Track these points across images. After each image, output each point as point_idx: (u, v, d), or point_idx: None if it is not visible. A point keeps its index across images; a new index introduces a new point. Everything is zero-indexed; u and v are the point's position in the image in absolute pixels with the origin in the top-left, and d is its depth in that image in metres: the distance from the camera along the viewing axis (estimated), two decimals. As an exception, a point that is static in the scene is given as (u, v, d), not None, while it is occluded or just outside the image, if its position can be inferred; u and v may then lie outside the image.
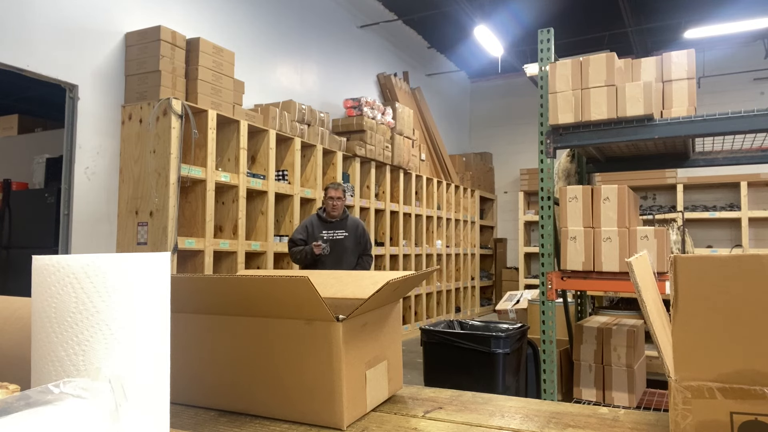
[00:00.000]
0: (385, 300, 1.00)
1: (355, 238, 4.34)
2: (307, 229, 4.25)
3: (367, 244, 4.41)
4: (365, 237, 4.41)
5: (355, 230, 4.36)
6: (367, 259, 4.43)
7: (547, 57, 3.14)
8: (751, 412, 0.66)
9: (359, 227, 4.40)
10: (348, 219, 4.37)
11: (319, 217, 4.30)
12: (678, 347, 0.70)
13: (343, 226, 4.30)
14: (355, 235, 4.35)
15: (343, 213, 4.32)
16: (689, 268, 0.69)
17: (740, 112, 2.72)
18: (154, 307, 0.64)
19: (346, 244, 4.25)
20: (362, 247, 4.37)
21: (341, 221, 4.30)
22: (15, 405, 0.47)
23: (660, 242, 2.77)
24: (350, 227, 4.34)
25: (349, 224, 4.35)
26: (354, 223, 4.39)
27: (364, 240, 4.40)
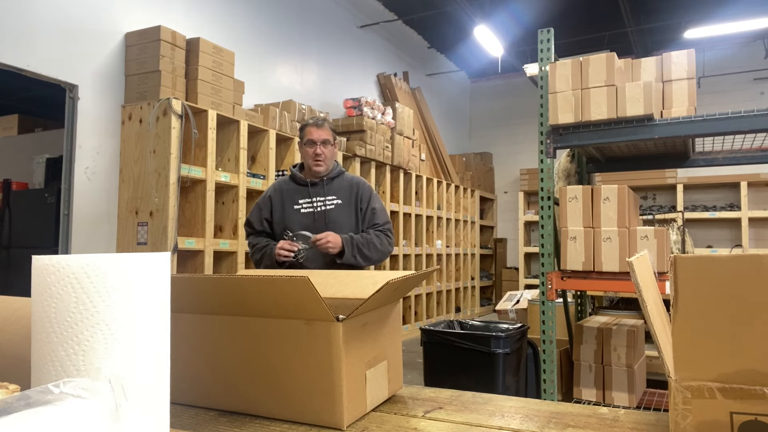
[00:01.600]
0: (385, 300, 1.00)
1: (353, 207, 2.66)
2: (272, 202, 2.67)
3: (374, 216, 2.67)
4: (372, 204, 2.69)
5: (352, 194, 2.68)
6: (379, 236, 2.64)
7: (547, 57, 3.14)
8: (751, 412, 0.66)
9: (360, 189, 2.69)
10: (341, 178, 2.71)
11: (293, 179, 2.70)
12: (678, 347, 0.70)
13: (334, 190, 2.66)
14: (353, 201, 2.66)
15: (333, 168, 2.71)
16: (689, 268, 0.69)
17: (740, 112, 2.72)
18: (154, 307, 0.64)
19: (337, 217, 2.62)
20: (367, 221, 2.67)
21: (330, 182, 2.67)
22: (15, 405, 0.47)
23: (660, 242, 2.77)
24: (343, 190, 2.67)
25: (341, 185, 2.68)
26: (350, 184, 2.70)
27: (370, 209, 2.68)
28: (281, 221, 2.65)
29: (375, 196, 2.74)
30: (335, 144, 2.73)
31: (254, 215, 2.72)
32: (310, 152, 2.63)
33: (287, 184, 2.72)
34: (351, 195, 2.67)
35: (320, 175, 2.65)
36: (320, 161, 2.61)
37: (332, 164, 2.71)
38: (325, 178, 2.66)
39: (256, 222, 2.70)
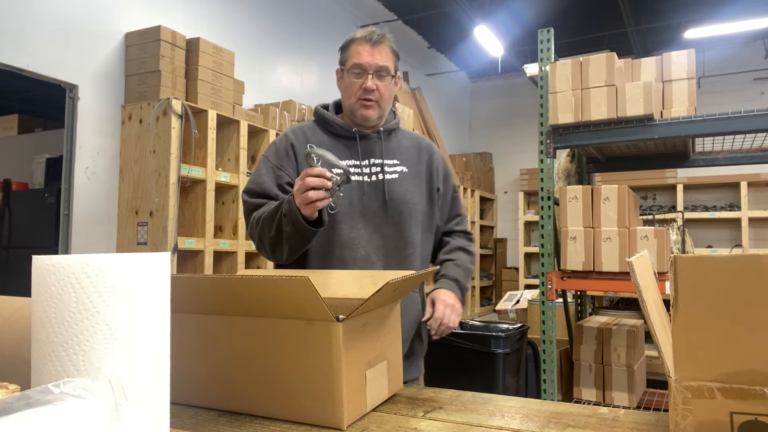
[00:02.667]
0: (385, 300, 1.00)
1: (424, 182, 1.74)
2: (296, 155, 1.64)
3: (455, 205, 1.85)
4: (453, 185, 1.85)
5: (423, 162, 1.76)
6: (461, 241, 1.81)
7: (547, 57, 3.14)
8: (751, 412, 0.66)
9: (434, 157, 1.80)
10: (400, 133, 1.78)
11: (325, 124, 1.70)
12: (678, 347, 0.70)
13: (394, 150, 1.71)
14: (425, 173, 1.75)
15: (389, 118, 1.75)
16: (689, 268, 0.69)
17: (740, 112, 2.72)
18: (154, 307, 0.64)
19: (404, 195, 1.66)
20: (447, 212, 1.81)
21: (388, 136, 1.72)
22: (15, 405, 0.47)
23: (660, 242, 2.77)
24: (408, 153, 1.74)
25: (404, 144, 1.75)
26: (418, 145, 1.79)
27: (452, 193, 1.83)
28: None
29: (450, 171, 1.82)
30: (397, 77, 1.68)
31: (263, 176, 1.60)
32: (355, 86, 1.59)
33: (315, 133, 1.67)
34: (421, 163, 1.71)
35: (370, 124, 1.65)
36: (371, 102, 1.60)
37: (388, 110, 1.70)
38: (381, 129, 1.67)
39: (269, 188, 1.57)
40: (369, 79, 1.61)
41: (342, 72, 1.69)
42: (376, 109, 1.65)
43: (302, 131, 1.70)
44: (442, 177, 1.80)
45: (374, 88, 1.61)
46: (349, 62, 1.65)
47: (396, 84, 1.71)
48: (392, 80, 1.67)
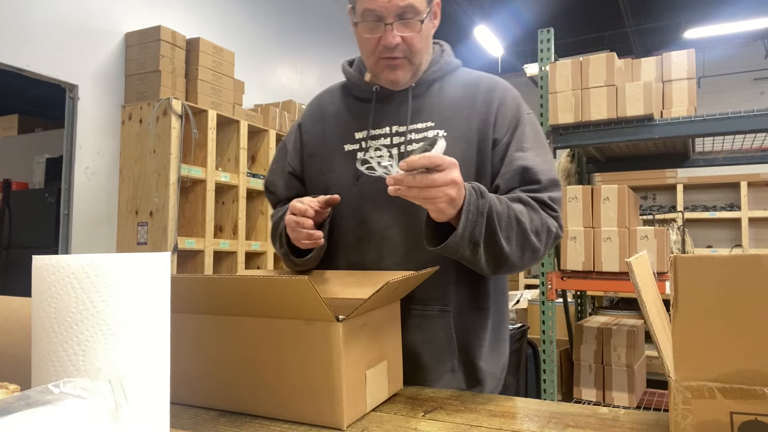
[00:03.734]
0: (385, 300, 1.00)
1: (474, 143, 1.21)
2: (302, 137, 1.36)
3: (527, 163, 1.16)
4: (522, 134, 1.21)
5: (475, 114, 1.22)
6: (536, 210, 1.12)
7: (547, 57, 3.14)
8: (751, 412, 0.66)
9: (494, 102, 1.24)
10: (450, 79, 1.30)
11: (347, 88, 1.35)
12: (678, 347, 0.70)
13: (430, 108, 1.24)
14: (477, 129, 1.21)
15: (434, 59, 1.30)
16: (689, 268, 0.69)
17: (740, 112, 2.72)
18: (154, 307, 0.64)
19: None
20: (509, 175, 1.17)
21: (426, 90, 1.27)
22: (15, 405, 0.47)
23: (660, 242, 2.77)
24: (453, 106, 1.24)
25: (448, 96, 1.26)
26: (476, 93, 1.26)
27: (515, 146, 1.19)
28: (319, 179, 1.30)
29: (529, 119, 1.25)
30: (432, 9, 1.22)
31: (275, 171, 1.41)
32: (371, 41, 1.20)
33: (334, 99, 1.37)
34: (473, 116, 1.23)
35: (402, 87, 1.26)
36: (397, 60, 1.20)
37: (424, 57, 1.26)
38: (412, 85, 1.26)
39: (279, 182, 1.39)
40: (389, 32, 1.16)
41: (353, 18, 1.24)
42: (405, 67, 1.21)
43: (319, 100, 1.41)
44: (507, 126, 1.21)
45: (398, 41, 1.16)
46: (359, 6, 1.20)
47: (436, 18, 1.25)
48: (426, 19, 1.18)
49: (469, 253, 1.06)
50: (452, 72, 1.32)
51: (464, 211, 1.02)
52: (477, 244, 1.05)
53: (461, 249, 1.05)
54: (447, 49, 1.36)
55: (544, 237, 1.14)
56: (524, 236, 1.10)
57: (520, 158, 1.18)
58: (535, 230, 1.12)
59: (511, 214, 1.08)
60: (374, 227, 1.22)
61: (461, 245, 1.04)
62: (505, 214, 1.08)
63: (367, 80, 1.31)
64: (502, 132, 1.22)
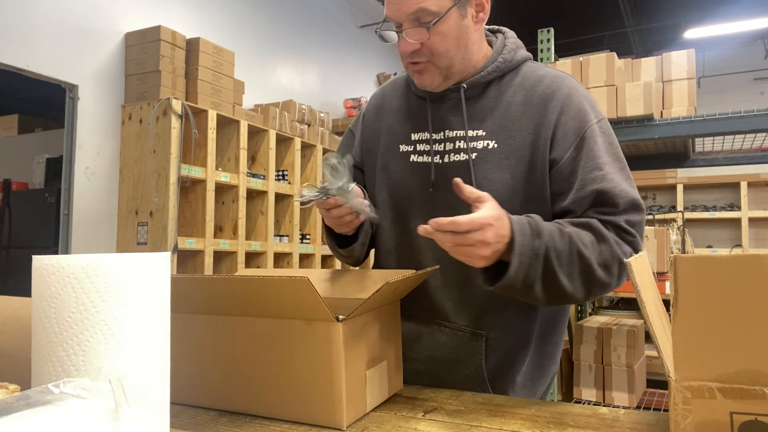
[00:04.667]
0: (385, 300, 1.00)
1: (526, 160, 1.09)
2: (363, 129, 1.33)
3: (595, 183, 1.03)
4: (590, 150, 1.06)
5: (530, 124, 1.10)
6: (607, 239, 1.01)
7: (547, 57, 3.14)
8: (751, 412, 0.66)
9: (547, 112, 1.09)
10: (519, 80, 1.15)
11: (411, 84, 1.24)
12: (678, 347, 0.70)
13: (483, 115, 1.13)
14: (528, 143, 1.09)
15: (491, 59, 1.16)
16: (689, 268, 0.69)
17: (740, 112, 2.72)
18: (154, 307, 0.64)
19: (487, 182, 1.09)
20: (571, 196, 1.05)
21: (483, 92, 1.15)
22: (15, 405, 0.47)
23: (660, 242, 2.77)
24: (511, 114, 1.12)
25: (512, 103, 1.13)
26: (531, 99, 1.12)
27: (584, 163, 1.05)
28: (373, 175, 1.28)
29: (597, 130, 1.10)
30: (467, 4, 1.13)
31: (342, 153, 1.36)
32: (398, 47, 1.15)
33: (397, 93, 1.30)
34: (527, 127, 1.12)
35: (438, 90, 1.18)
36: (419, 65, 1.13)
37: (462, 57, 1.14)
38: (464, 86, 1.16)
39: None
40: (401, 39, 1.11)
41: None
42: (431, 71, 1.13)
43: (382, 93, 1.33)
44: (569, 141, 1.09)
45: (413, 47, 1.10)
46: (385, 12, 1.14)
47: (481, 10, 1.16)
48: (453, 16, 1.09)
49: (524, 293, 1.01)
50: (515, 69, 1.18)
51: (516, 254, 0.95)
52: (531, 286, 0.99)
53: (514, 288, 0.99)
54: (511, 42, 1.20)
55: (616, 269, 1.03)
56: (589, 272, 1.01)
57: (593, 180, 1.05)
58: (603, 263, 1.02)
59: (573, 249, 0.99)
60: (418, 234, 1.07)
61: (514, 287, 0.99)
62: (567, 251, 0.99)
63: None
64: (563, 149, 1.08)
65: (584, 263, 1.00)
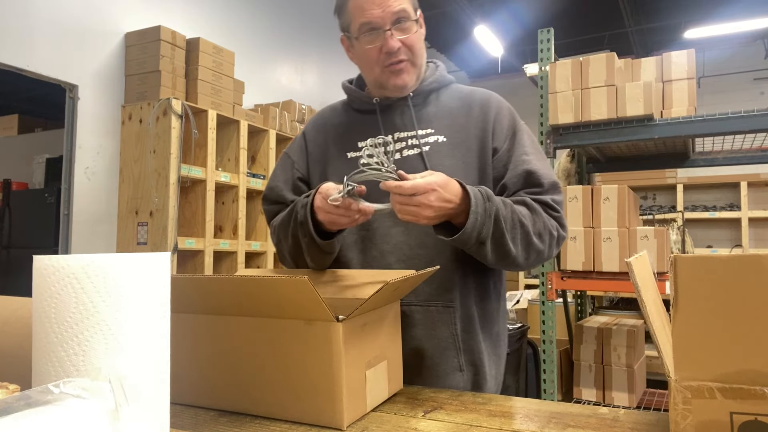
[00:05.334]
0: (385, 300, 1.00)
1: (475, 151, 1.30)
2: (307, 146, 1.42)
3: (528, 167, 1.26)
4: (520, 143, 1.31)
5: (472, 123, 1.32)
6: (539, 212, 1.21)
7: (547, 57, 3.14)
8: (751, 412, 0.66)
9: (491, 112, 1.34)
10: (447, 91, 1.39)
11: (350, 103, 1.43)
12: (678, 347, 0.70)
13: (431, 117, 1.34)
14: (476, 136, 1.31)
15: (428, 74, 1.37)
16: (689, 268, 0.69)
17: (740, 112, 2.72)
18: (154, 307, 0.64)
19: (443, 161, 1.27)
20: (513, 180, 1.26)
21: (424, 100, 1.36)
22: (15, 405, 0.47)
23: (660, 242, 2.77)
24: (451, 115, 1.34)
25: (446, 105, 1.36)
26: (467, 102, 1.36)
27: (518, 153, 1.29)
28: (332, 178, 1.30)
29: (524, 127, 1.36)
30: (420, 16, 1.31)
31: (277, 177, 1.42)
32: (373, 52, 1.26)
33: (336, 113, 1.44)
34: (470, 125, 1.31)
35: (409, 91, 1.33)
36: (402, 63, 1.27)
37: (423, 63, 1.35)
38: (410, 94, 1.33)
39: (285, 189, 1.38)
40: (389, 38, 1.23)
41: (349, 40, 1.31)
42: (410, 70, 1.29)
43: (322, 114, 1.48)
44: (505, 135, 1.30)
45: (399, 45, 1.24)
46: (354, 24, 1.26)
47: (422, 27, 1.32)
48: (417, 24, 1.29)
49: (476, 248, 1.15)
50: (447, 86, 1.41)
51: (472, 212, 1.10)
52: (484, 243, 1.14)
53: (469, 243, 1.13)
54: (441, 66, 1.43)
55: (547, 239, 1.22)
56: (528, 238, 1.19)
57: (523, 162, 1.27)
58: (538, 233, 1.20)
59: (515, 217, 1.17)
60: (377, 226, 1.28)
61: (469, 242, 1.13)
62: (510, 218, 1.16)
63: (368, 94, 1.39)
64: (501, 140, 1.31)
65: (524, 230, 1.18)
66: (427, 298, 1.24)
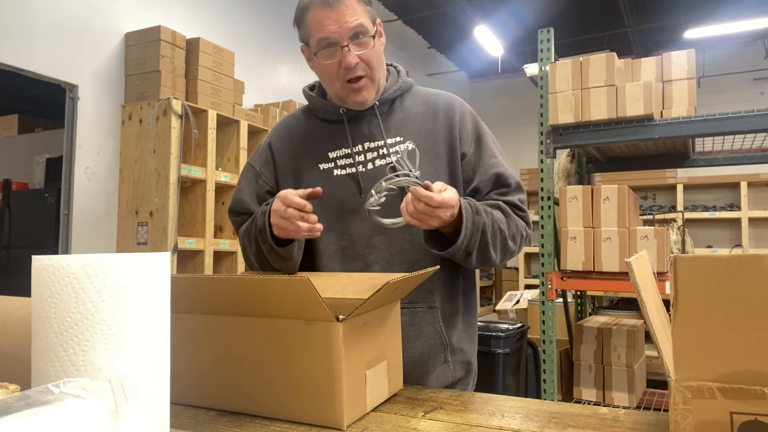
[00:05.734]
0: (385, 300, 1.00)
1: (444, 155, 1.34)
2: (274, 157, 1.41)
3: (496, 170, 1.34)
4: (485, 146, 1.37)
5: (439, 127, 1.35)
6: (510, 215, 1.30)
7: (547, 57, 3.14)
8: (751, 412, 0.66)
9: (455, 115, 1.37)
10: (410, 96, 1.41)
11: (312, 111, 1.43)
12: (678, 347, 0.70)
13: (398, 124, 1.35)
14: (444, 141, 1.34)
15: (391, 82, 1.38)
16: (689, 268, 0.69)
17: (740, 112, 2.72)
18: (154, 307, 0.64)
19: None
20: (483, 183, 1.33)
21: (389, 107, 1.37)
22: (15, 405, 0.47)
23: (660, 242, 2.77)
24: (418, 121, 1.36)
25: (411, 111, 1.38)
26: (432, 107, 1.38)
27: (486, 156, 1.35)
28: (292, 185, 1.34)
29: (486, 129, 1.41)
30: (379, 25, 1.33)
31: (242, 191, 1.43)
32: (332, 68, 1.27)
33: (300, 123, 1.43)
34: (437, 131, 1.34)
35: (365, 107, 1.33)
36: (361, 80, 1.28)
37: (383, 76, 1.35)
38: (377, 103, 1.35)
39: (251, 202, 1.40)
40: (347, 54, 1.24)
41: (309, 52, 1.31)
42: (369, 86, 1.30)
43: (286, 124, 1.47)
44: (470, 139, 1.35)
45: (356, 61, 1.25)
46: (312, 38, 1.27)
47: (382, 36, 1.33)
48: (375, 37, 1.28)
49: (462, 258, 1.24)
50: (409, 90, 1.43)
51: (464, 227, 1.19)
52: (470, 253, 1.23)
53: (457, 255, 1.23)
54: (402, 71, 1.46)
55: (519, 240, 1.34)
56: (504, 243, 1.30)
57: (492, 166, 1.35)
58: (512, 236, 1.31)
59: (495, 225, 1.26)
60: (358, 236, 1.32)
61: (457, 253, 1.22)
62: (491, 227, 1.25)
63: (331, 103, 1.39)
64: (468, 145, 1.37)
65: (502, 235, 1.28)
66: (411, 300, 1.29)
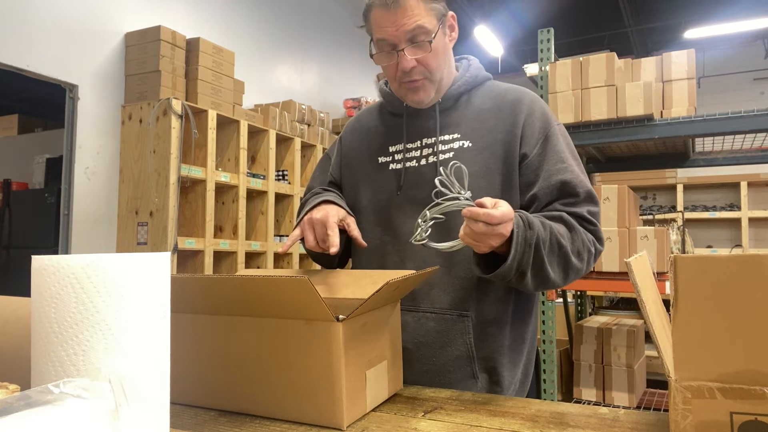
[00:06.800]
0: (385, 300, 1.00)
1: (500, 156, 1.23)
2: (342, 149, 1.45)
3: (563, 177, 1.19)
4: (554, 148, 1.23)
5: (502, 126, 1.26)
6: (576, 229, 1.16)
7: (547, 57, 3.14)
8: (751, 412, 0.66)
9: (522, 114, 1.26)
10: (480, 91, 1.34)
11: (384, 105, 1.43)
12: (678, 347, 0.70)
13: (457, 122, 1.29)
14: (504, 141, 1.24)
15: (460, 75, 1.35)
16: (689, 268, 0.69)
17: (740, 112, 2.72)
18: (154, 307, 0.64)
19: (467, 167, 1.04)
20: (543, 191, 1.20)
21: (454, 103, 1.32)
22: (15, 405, 0.47)
23: (660, 242, 2.77)
24: (483, 118, 1.28)
25: (482, 109, 1.30)
26: (501, 106, 1.29)
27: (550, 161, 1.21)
28: (353, 188, 1.38)
29: (558, 130, 1.28)
30: (446, 24, 1.29)
31: (315, 179, 1.49)
32: (390, 68, 1.26)
33: (372, 116, 1.45)
34: (498, 129, 1.26)
35: (423, 106, 1.31)
36: (417, 82, 1.26)
37: (445, 72, 1.30)
38: (439, 100, 1.32)
39: (317, 190, 1.43)
40: (402, 58, 1.21)
41: (371, 46, 1.28)
42: (427, 87, 1.27)
43: (359, 117, 1.49)
44: (536, 139, 1.23)
45: (413, 64, 1.22)
46: (373, 38, 1.26)
47: (453, 30, 1.32)
48: (440, 34, 1.24)
49: (516, 279, 1.10)
50: (480, 85, 1.36)
51: (514, 243, 1.05)
52: (524, 273, 1.09)
53: (509, 276, 1.09)
54: (474, 64, 1.40)
55: (586, 256, 1.18)
56: (566, 260, 1.14)
57: (558, 172, 1.21)
58: (577, 251, 1.16)
59: (554, 240, 1.11)
60: (399, 232, 1.29)
61: (509, 274, 1.08)
62: (548, 241, 1.10)
63: (389, 101, 1.40)
64: (531, 145, 1.24)
65: (563, 251, 1.13)
66: (443, 306, 1.23)
